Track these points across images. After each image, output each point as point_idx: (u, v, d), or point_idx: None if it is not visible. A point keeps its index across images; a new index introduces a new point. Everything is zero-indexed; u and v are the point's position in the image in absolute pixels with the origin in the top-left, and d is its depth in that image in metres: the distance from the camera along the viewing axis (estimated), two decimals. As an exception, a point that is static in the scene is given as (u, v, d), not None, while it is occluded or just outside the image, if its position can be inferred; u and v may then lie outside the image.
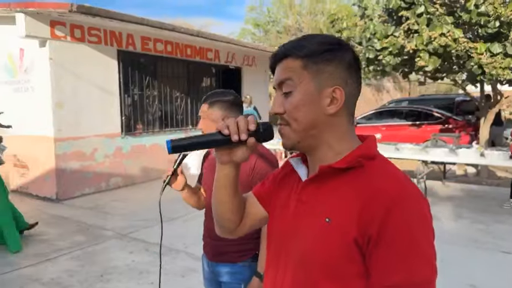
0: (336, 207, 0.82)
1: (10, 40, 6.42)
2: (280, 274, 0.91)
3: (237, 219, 1.04)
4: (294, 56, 0.86)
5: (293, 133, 0.87)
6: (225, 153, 0.91)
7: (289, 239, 0.90)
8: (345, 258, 0.79)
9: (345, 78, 0.85)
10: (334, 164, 0.85)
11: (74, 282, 3.42)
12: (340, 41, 0.90)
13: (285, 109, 0.87)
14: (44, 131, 6.24)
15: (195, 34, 7.79)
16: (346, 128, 0.88)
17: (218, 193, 1.00)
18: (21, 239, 4.33)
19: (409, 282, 0.74)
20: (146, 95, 7.73)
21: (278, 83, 0.89)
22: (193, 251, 3.95)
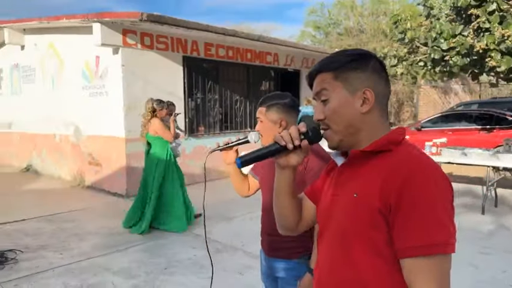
0: (362, 183, 0.94)
1: (87, 48, 7.01)
2: (325, 252, 1.04)
3: (297, 218, 1.19)
4: (325, 71, 1.03)
5: (334, 134, 1.01)
6: (283, 159, 1.06)
7: (329, 219, 1.03)
8: (373, 227, 0.90)
9: (372, 80, 1.00)
10: (363, 149, 0.98)
11: (140, 273, 3.67)
12: (363, 50, 1.05)
13: (325, 115, 1.01)
14: (116, 132, 6.74)
15: (255, 38, 7.96)
16: (379, 121, 1.01)
17: (279, 196, 1.14)
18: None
19: (427, 244, 0.83)
20: (208, 99, 8.05)
21: (316, 93, 1.04)
22: (251, 249, 4.06)
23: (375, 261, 0.90)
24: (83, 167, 7.60)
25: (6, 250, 4.07)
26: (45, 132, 8.61)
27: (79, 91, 7.46)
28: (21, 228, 4.97)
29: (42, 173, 8.79)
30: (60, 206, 6.05)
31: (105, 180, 7.13)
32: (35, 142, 9.05)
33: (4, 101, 10.31)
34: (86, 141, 7.53)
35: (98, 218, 5.51)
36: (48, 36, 8.10)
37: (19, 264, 3.83)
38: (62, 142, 8.14)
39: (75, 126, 7.73)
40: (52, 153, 8.52)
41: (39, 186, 7.64)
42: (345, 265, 0.95)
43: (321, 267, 1.05)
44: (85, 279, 3.51)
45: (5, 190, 7.19)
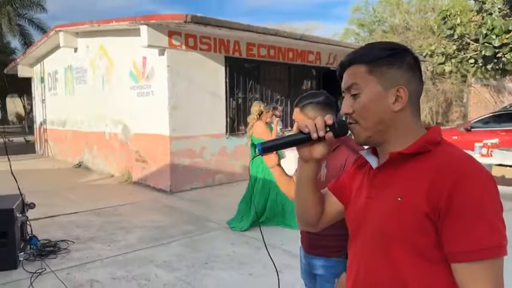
0: (406, 187, 0.91)
1: (135, 50, 7.33)
2: (360, 253, 1.01)
3: (318, 214, 1.17)
4: (358, 63, 0.98)
5: (363, 130, 0.98)
6: (306, 150, 1.04)
7: (365, 220, 1.00)
8: (419, 231, 0.87)
9: (407, 78, 0.96)
10: (403, 150, 0.94)
11: (182, 266, 3.79)
12: (399, 45, 1.00)
13: (354, 109, 0.98)
14: (161, 130, 6.99)
15: (297, 37, 7.94)
16: (411, 121, 0.98)
17: (300, 190, 1.13)
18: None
19: (479, 248, 0.81)
20: (249, 98, 8.13)
21: (346, 87, 1.00)
22: (290, 248, 4.07)
23: (419, 263, 0.88)
24: (131, 164, 7.95)
25: (59, 240, 4.35)
26: (96, 130, 9.09)
27: (127, 91, 7.81)
28: (73, 220, 5.29)
29: (92, 169, 9.29)
30: (108, 200, 6.37)
31: (151, 177, 7.41)
32: (86, 140, 9.58)
33: (59, 100, 11.01)
34: (134, 139, 7.86)
35: (143, 212, 5.74)
36: (99, 39, 8.55)
37: (71, 254, 4.08)
38: (112, 140, 8.56)
39: (124, 125, 8.10)
40: (102, 150, 8.98)
41: (89, 181, 8.09)
42: (385, 267, 0.93)
43: (356, 270, 1.02)
44: (130, 270, 3.68)
45: (59, 184, 7.68)
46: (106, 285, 3.36)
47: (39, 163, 10.70)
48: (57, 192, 6.92)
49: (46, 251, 4.02)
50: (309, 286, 1.89)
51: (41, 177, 8.29)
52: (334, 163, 1.69)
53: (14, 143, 14.39)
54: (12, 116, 29.73)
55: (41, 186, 6.95)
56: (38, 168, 9.66)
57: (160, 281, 3.47)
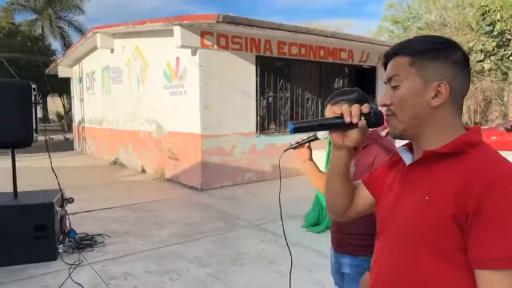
0: (435, 187, 0.89)
1: (168, 50, 7.50)
2: (384, 249, 1.01)
3: (347, 204, 1.16)
4: (402, 54, 0.97)
5: (399, 123, 0.97)
6: (339, 136, 1.04)
7: (392, 217, 0.99)
8: (444, 232, 0.86)
9: (451, 74, 0.93)
10: (437, 149, 0.92)
11: (212, 262, 3.85)
12: (448, 40, 0.96)
13: (392, 101, 0.97)
14: (193, 129, 7.12)
15: (328, 35, 7.85)
16: (450, 119, 0.95)
17: (331, 178, 1.13)
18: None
19: (506, 256, 0.78)
20: (279, 97, 8.13)
21: (388, 78, 0.99)
22: (319, 247, 4.04)
23: (441, 264, 0.87)
24: (164, 161, 8.14)
25: (96, 234, 4.53)
26: (131, 129, 9.38)
27: (161, 90, 8.00)
28: (109, 215, 5.49)
29: (127, 166, 9.59)
30: (142, 196, 6.56)
31: (183, 174, 7.57)
32: (122, 138, 9.90)
33: (96, 100, 11.43)
34: (167, 137, 8.05)
35: (175, 208, 5.87)
36: (134, 39, 8.80)
37: (106, 247, 4.24)
38: (146, 138, 8.80)
39: (157, 123, 8.31)
40: (137, 148, 9.25)
41: (124, 178, 8.36)
42: (407, 266, 0.92)
43: (379, 266, 1.02)
44: (163, 264, 3.78)
45: (96, 181, 7.99)
46: (139, 279, 3.47)
47: (77, 160, 11.17)
48: (94, 188, 7.20)
49: (83, 244, 4.20)
50: (338, 284, 1.90)
51: (79, 174, 8.64)
52: (362, 161, 1.69)
53: (54, 140, 15.09)
54: (53, 115, 31.13)
55: (78, 182, 7.25)
56: (76, 165, 10.08)
57: (191, 275, 3.54)
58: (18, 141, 3.77)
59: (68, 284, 3.34)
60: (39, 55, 20.24)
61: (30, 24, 28.70)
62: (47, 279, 3.45)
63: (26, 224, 3.71)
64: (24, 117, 3.73)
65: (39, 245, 3.77)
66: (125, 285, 3.34)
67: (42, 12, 28.46)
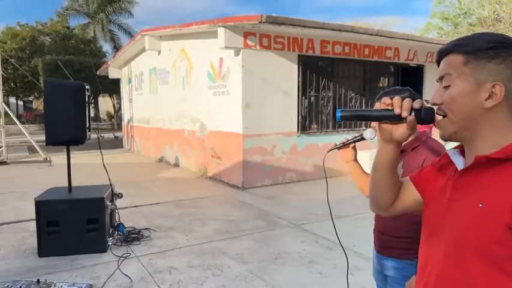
0: (489, 194, 0.85)
1: (212, 51, 7.66)
2: (434, 255, 0.98)
3: (391, 199, 1.14)
4: (456, 52, 0.93)
5: (450, 124, 0.93)
6: (387, 130, 1.02)
7: (444, 223, 0.96)
8: (497, 241, 0.82)
9: (508, 74, 0.88)
10: (491, 155, 0.87)
11: (252, 260, 3.90)
12: (507, 38, 0.90)
13: (443, 100, 0.93)
14: (235, 128, 7.23)
15: (373, 33, 7.67)
16: (505, 121, 0.90)
17: (377, 171, 1.11)
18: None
19: None
20: (322, 96, 8.05)
21: (440, 76, 0.96)
22: (361, 250, 3.97)
23: (494, 274, 0.84)
24: (206, 160, 8.33)
25: (143, 228, 4.73)
26: (176, 128, 9.68)
27: (205, 90, 8.19)
28: (155, 210, 5.71)
29: (172, 164, 9.91)
30: (186, 193, 6.76)
31: (224, 172, 7.70)
32: (167, 136, 10.24)
33: (144, 100, 11.90)
34: (209, 136, 8.23)
35: (217, 206, 6.00)
36: (180, 41, 9.07)
37: (152, 241, 4.42)
38: (190, 137, 9.05)
39: (201, 123, 8.52)
40: (181, 146, 9.54)
41: (169, 175, 8.64)
42: (457, 273, 0.90)
43: (429, 271, 0.99)
44: (206, 260, 3.88)
45: (143, 177, 8.32)
46: (183, 273, 3.59)
47: (126, 157, 11.68)
48: (141, 184, 7.51)
49: (131, 238, 4.41)
50: (380, 286, 1.87)
51: (127, 170, 9.04)
52: (411, 163, 1.65)
53: (104, 138, 15.87)
54: (103, 114, 32.72)
55: (127, 178, 7.59)
56: (124, 161, 10.54)
57: (232, 272, 3.61)
58: (74, 138, 4.03)
59: (117, 275, 3.51)
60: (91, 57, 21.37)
61: (83, 28, 30.39)
62: (97, 269, 3.66)
63: (79, 217, 3.96)
64: (79, 116, 3.98)
65: (91, 237, 4.00)
66: (170, 279, 3.46)
67: (94, 17, 30.03)
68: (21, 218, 5.18)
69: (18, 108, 32.08)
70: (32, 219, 4.16)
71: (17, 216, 5.31)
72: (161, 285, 3.34)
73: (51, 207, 3.93)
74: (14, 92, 28.60)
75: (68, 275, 3.50)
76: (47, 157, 10.34)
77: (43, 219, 3.89)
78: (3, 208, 5.78)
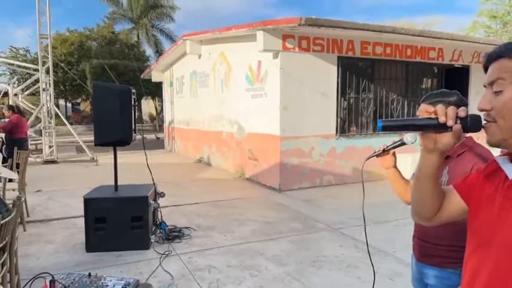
0: None
1: (250, 54, 7.75)
2: (486, 264, 0.95)
3: (435, 208, 1.11)
4: (509, 57, 0.89)
5: (499, 130, 0.90)
6: (431, 139, 0.98)
7: (496, 232, 0.93)
8: None
9: None
10: None
11: (290, 262, 3.91)
12: None
13: (492, 106, 0.91)
14: (272, 130, 7.27)
15: (416, 34, 7.46)
16: None
17: (420, 181, 1.08)
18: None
19: None
20: (362, 98, 7.92)
21: (489, 81, 0.93)
22: (402, 256, 3.88)
23: None
24: (244, 161, 8.43)
25: (183, 227, 4.87)
26: (215, 130, 9.87)
27: (243, 93, 8.30)
28: (195, 210, 5.85)
29: (211, 165, 10.11)
30: (224, 194, 6.88)
31: (261, 174, 7.76)
32: (206, 138, 10.46)
33: (185, 102, 12.22)
34: (247, 138, 8.33)
35: (254, 207, 6.06)
36: (220, 45, 9.25)
37: (192, 240, 4.54)
38: (228, 138, 9.20)
39: (239, 125, 8.63)
40: (220, 148, 9.71)
41: (208, 176, 8.82)
42: None
43: (480, 281, 0.96)
44: (243, 260, 3.94)
45: (183, 177, 8.55)
46: (222, 272, 3.66)
47: (167, 157, 12.04)
48: (181, 184, 7.72)
49: (172, 236, 4.55)
50: (419, 294, 1.82)
51: (169, 170, 9.31)
52: (458, 169, 1.59)
53: (147, 139, 16.44)
54: (146, 116, 33.90)
55: (168, 178, 7.82)
56: (166, 162, 10.87)
57: (270, 273, 3.64)
58: (120, 139, 4.22)
59: (159, 272, 3.64)
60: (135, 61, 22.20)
61: (128, 33, 31.66)
62: (140, 266, 3.81)
63: (124, 214, 4.14)
64: (126, 118, 4.17)
65: (135, 234, 4.17)
66: (209, 277, 3.55)
67: (138, 22, 31.21)
68: (70, 214, 5.49)
69: (67, 110, 33.89)
70: (81, 216, 4.40)
71: (67, 212, 5.63)
72: (201, 282, 3.42)
73: (99, 205, 4.14)
74: (64, 94, 30.25)
75: (114, 270, 3.67)
76: (94, 157, 10.87)
77: (91, 216, 4.10)
78: (54, 205, 6.15)
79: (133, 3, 30.51)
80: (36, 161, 10.71)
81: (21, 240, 4.01)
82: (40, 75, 11.35)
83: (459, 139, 0.96)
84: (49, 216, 5.50)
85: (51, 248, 4.30)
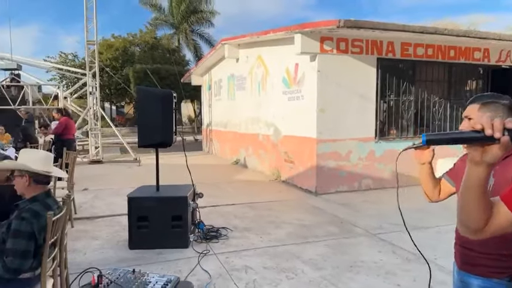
0: None
1: (287, 57, 7.77)
2: None
3: (483, 221, 1.08)
4: None
5: None
6: (478, 152, 0.97)
7: None
8: None
9: None
10: None
11: (326, 266, 3.89)
12: None
13: None
14: (309, 133, 7.24)
15: (461, 34, 7.18)
16: None
17: (467, 193, 1.05)
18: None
19: None
20: (402, 101, 7.72)
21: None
22: (444, 263, 3.75)
23: None
24: (280, 164, 8.46)
25: (221, 227, 4.96)
26: (251, 132, 9.97)
27: (279, 96, 8.34)
28: (232, 210, 5.95)
29: (247, 167, 10.22)
30: (260, 195, 6.94)
31: (297, 177, 7.75)
32: (243, 140, 10.59)
33: (222, 105, 12.44)
34: (283, 140, 8.35)
35: (290, 210, 6.06)
36: (257, 49, 9.35)
37: (229, 240, 4.62)
38: (264, 141, 9.26)
39: (275, 127, 8.67)
40: (256, 150, 9.80)
41: (245, 178, 8.92)
42: None
43: None
44: (279, 262, 3.97)
45: (220, 178, 8.70)
46: (258, 273, 3.71)
47: (205, 159, 12.29)
48: (218, 185, 7.86)
49: (210, 236, 4.66)
50: (462, 304, 1.77)
51: (206, 171, 9.50)
52: (504, 173, 1.53)
53: (185, 141, 16.84)
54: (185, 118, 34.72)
55: (206, 179, 7.98)
56: (204, 163, 11.11)
57: (306, 277, 3.64)
58: (162, 142, 4.39)
59: (197, 271, 3.75)
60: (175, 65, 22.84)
61: (169, 38, 32.62)
62: (180, 264, 3.94)
63: (165, 213, 4.29)
64: (167, 121, 4.33)
65: (175, 233, 4.31)
66: (246, 278, 3.61)
67: (179, 27, 32.08)
68: (115, 212, 5.75)
69: (111, 112, 35.40)
70: (124, 214, 4.61)
71: (112, 210, 5.91)
72: (238, 283, 3.49)
73: (142, 204, 4.32)
74: (109, 97, 31.62)
75: (155, 267, 3.81)
76: (137, 157, 11.29)
77: (134, 214, 4.29)
78: (100, 203, 6.47)
79: (175, 9, 31.41)
80: (83, 161, 11.28)
81: (70, 236, 4.26)
82: (87, 80, 11.97)
83: (506, 151, 0.94)
84: (95, 213, 5.79)
85: (96, 244, 4.54)
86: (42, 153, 2.64)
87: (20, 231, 2.23)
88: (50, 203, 2.48)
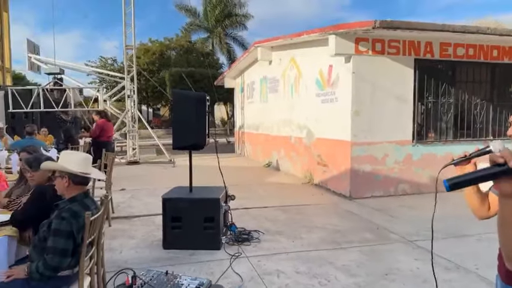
0: None
1: (321, 59, 7.68)
2: None
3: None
4: None
5: None
6: (508, 184, 0.91)
7: None
8: None
9: None
10: None
11: (360, 273, 3.79)
12: None
13: None
14: (343, 136, 7.12)
15: (504, 33, 6.83)
16: None
17: (504, 227, 1.00)
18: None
19: None
20: (441, 103, 7.43)
21: None
22: (486, 274, 3.57)
23: None
24: (313, 167, 8.36)
25: (252, 230, 4.95)
26: (284, 135, 9.93)
27: (313, 98, 8.25)
28: (263, 213, 5.93)
29: (279, 169, 10.18)
30: (292, 199, 6.88)
31: (331, 180, 7.63)
32: (275, 142, 10.56)
33: (255, 107, 12.47)
34: (316, 143, 8.25)
35: (323, 214, 5.97)
36: (290, 51, 9.31)
37: (261, 243, 4.60)
38: (296, 143, 9.19)
39: (308, 130, 8.59)
40: (288, 152, 9.74)
41: (277, 180, 8.89)
42: None
43: None
44: (311, 267, 3.91)
45: (252, 181, 8.72)
46: (290, 278, 3.66)
47: (237, 161, 12.37)
48: (250, 187, 7.88)
49: (242, 238, 4.66)
50: (507, 319, 1.66)
51: (238, 173, 9.56)
52: None
53: (218, 143, 17.04)
54: (218, 121, 35.15)
55: (238, 181, 8.03)
56: (236, 165, 11.17)
57: (339, 283, 3.56)
58: (196, 144, 4.45)
59: (229, 273, 3.75)
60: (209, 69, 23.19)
61: (203, 42, 33.17)
62: (212, 265, 3.96)
63: (198, 215, 4.34)
64: (201, 124, 4.38)
65: (207, 234, 4.35)
66: (278, 282, 3.57)
67: (213, 31, 32.55)
68: (150, 212, 5.89)
69: (148, 115, 36.40)
70: (159, 214, 4.71)
71: (147, 210, 6.05)
72: (270, 287, 3.46)
73: (176, 204, 4.39)
74: (145, 100, 32.54)
75: (187, 268, 3.86)
76: (171, 159, 11.54)
77: (168, 215, 4.37)
78: (136, 203, 6.65)
79: (209, 13, 31.91)
80: (121, 162, 11.65)
81: (107, 234, 4.38)
82: (125, 83, 12.36)
83: None
84: (132, 213, 5.96)
85: (132, 243, 4.65)
86: (82, 155, 2.74)
87: (60, 230, 2.32)
88: (88, 203, 2.56)
